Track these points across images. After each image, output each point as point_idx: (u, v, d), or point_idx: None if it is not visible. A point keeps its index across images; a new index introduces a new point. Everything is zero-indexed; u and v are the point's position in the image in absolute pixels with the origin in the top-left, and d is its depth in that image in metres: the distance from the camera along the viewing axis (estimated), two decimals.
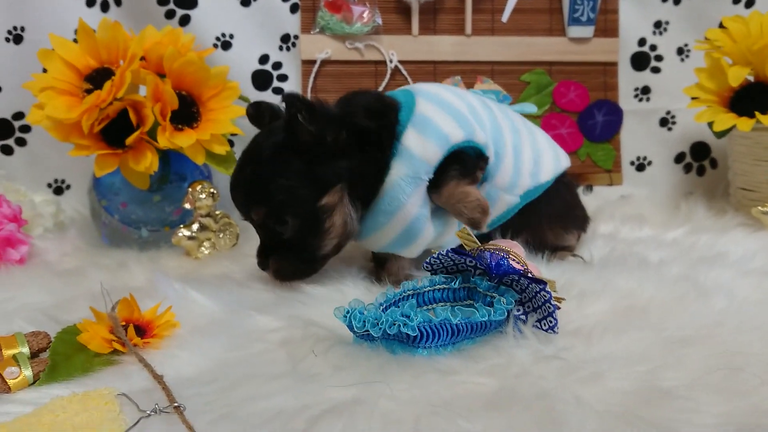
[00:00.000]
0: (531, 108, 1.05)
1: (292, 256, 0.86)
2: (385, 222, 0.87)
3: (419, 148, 0.85)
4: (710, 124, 1.21)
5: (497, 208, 0.94)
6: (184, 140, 1.08)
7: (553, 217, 1.01)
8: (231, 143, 1.39)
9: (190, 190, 1.13)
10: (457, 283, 0.76)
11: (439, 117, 0.87)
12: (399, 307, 0.72)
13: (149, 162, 1.07)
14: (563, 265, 0.98)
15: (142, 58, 1.13)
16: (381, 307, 0.72)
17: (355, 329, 0.67)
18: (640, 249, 1.07)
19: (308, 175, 0.83)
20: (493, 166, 0.92)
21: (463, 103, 0.90)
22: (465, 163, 0.87)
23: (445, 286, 0.76)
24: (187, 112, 1.14)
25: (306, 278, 0.89)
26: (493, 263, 0.72)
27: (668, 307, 0.83)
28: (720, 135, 1.23)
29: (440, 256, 0.75)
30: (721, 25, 1.50)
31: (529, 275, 0.72)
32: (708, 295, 0.86)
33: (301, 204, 0.83)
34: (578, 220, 1.07)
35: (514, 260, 0.74)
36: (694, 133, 1.52)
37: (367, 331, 0.66)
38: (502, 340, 0.69)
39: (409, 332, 0.65)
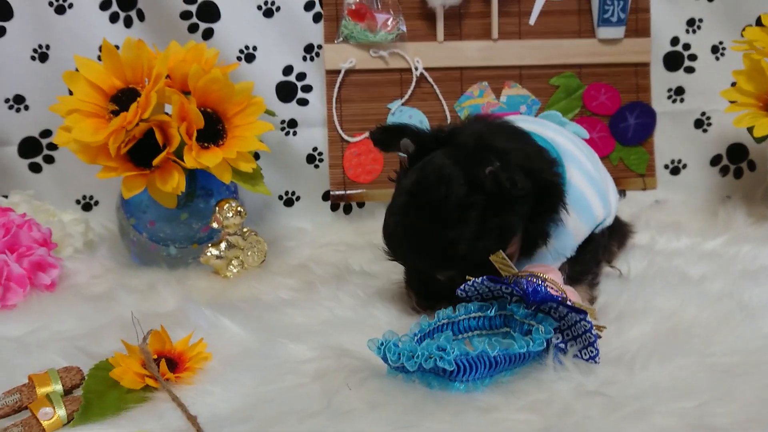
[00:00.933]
0: (583, 133, 1.01)
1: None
2: None
3: (572, 226, 0.84)
4: (750, 129, 1.17)
5: None
6: (211, 159, 1.07)
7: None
8: (256, 156, 1.38)
9: (217, 209, 1.12)
10: (493, 311, 0.74)
11: (590, 194, 0.86)
12: (434, 338, 0.69)
13: (176, 182, 1.06)
14: (600, 284, 0.95)
15: (167, 77, 1.12)
16: (416, 338, 0.70)
17: (390, 362, 0.66)
18: (679, 262, 1.04)
19: (495, 227, 0.77)
20: None
21: (595, 170, 0.90)
22: (595, 272, 0.91)
23: (480, 314, 0.74)
24: (212, 130, 1.13)
25: None
26: (530, 289, 0.70)
27: (713, 329, 0.80)
28: (760, 140, 1.19)
29: (475, 284, 0.73)
30: (758, 22, 1.45)
31: (568, 303, 0.69)
32: (755, 315, 0.83)
33: (488, 255, 0.75)
34: (615, 233, 1.05)
35: (551, 287, 0.71)
36: (731, 134, 1.47)
37: (402, 364, 0.65)
38: (542, 373, 0.67)
39: (446, 366, 0.63)
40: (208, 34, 1.36)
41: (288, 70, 1.42)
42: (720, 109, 1.46)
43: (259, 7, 1.39)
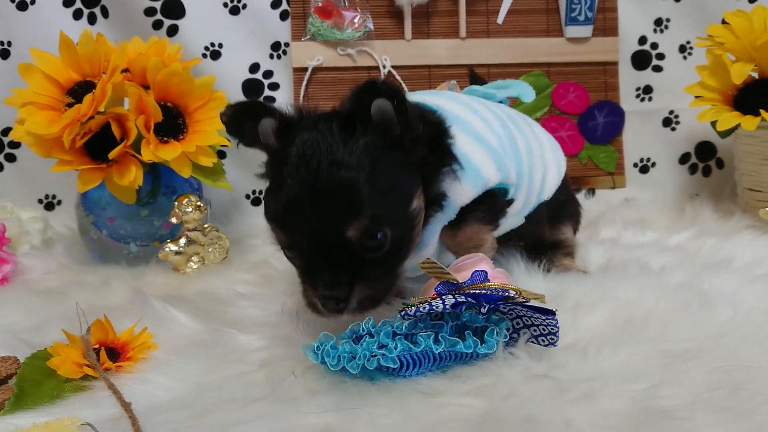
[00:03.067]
0: (529, 94, 0.98)
1: (379, 278, 0.67)
2: None
3: (455, 190, 0.76)
4: (713, 124, 1.17)
5: (501, 230, 0.89)
6: (169, 153, 1.06)
7: (547, 214, 0.97)
8: (222, 154, 1.37)
9: (176, 204, 1.10)
10: (447, 329, 0.66)
11: (479, 156, 0.78)
12: (374, 336, 0.65)
13: (133, 176, 1.05)
14: (559, 276, 0.94)
15: (126, 70, 1.11)
16: (354, 337, 0.66)
17: (330, 367, 0.63)
18: (642, 255, 1.03)
19: (402, 176, 0.68)
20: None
21: (494, 135, 0.83)
22: (491, 207, 0.81)
23: (432, 331, 0.66)
24: (172, 124, 1.11)
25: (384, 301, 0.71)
26: (482, 297, 0.65)
27: (669, 317, 0.79)
28: (724, 134, 1.19)
29: (418, 313, 0.64)
30: (723, 21, 1.46)
31: (530, 302, 0.66)
32: (712, 304, 0.82)
33: (400, 209, 0.67)
34: (573, 215, 1.04)
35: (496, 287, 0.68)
36: (699, 132, 1.48)
37: (344, 367, 0.62)
38: (489, 359, 0.66)
39: (389, 364, 0.61)
40: (172, 31, 1.35)
41: (254, 67, 1.41)
42: (688, 108, 1.46)
43: (225, 5, 1.38)
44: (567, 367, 0.66)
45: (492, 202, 0.81)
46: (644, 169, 1.51)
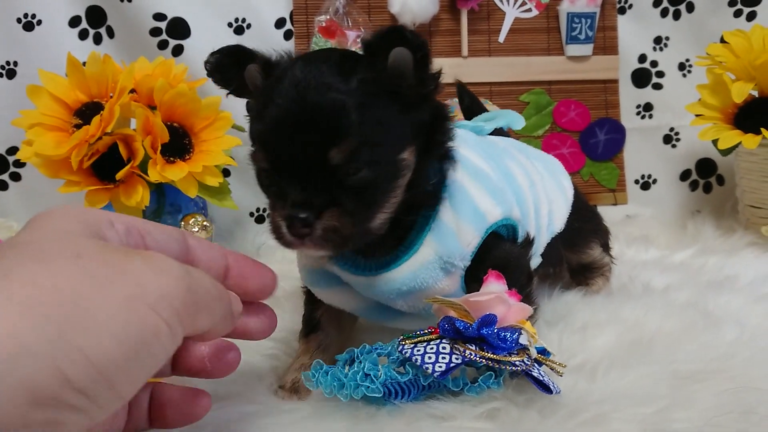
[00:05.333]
0: (518, 122, 0.95)
1: (350, 212, 0.61)
2: (402, 291, 0.70)
3: (454, 226, 0.70)
4: (715, 142, 1.18)
5: None
6: (176, 173, 1.06)
7: (567, 240, 0.93)
8: (227, 173, 1.38)
9: (182, 224, 1.11)
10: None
11: (475, 191, 0.72)
12: (362, 360, 0.63)
13: (140, 196, 1.05)
14: (565, 295, 0.95)
15: (133, 91, 1.12)
16: (348, 361, 0.65)
17: (326, 394, 0.63)
18: (646, 273, 1.04)
19: (397, 121, 0.63)
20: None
21: (493, 170, 0.78)
22: (516, 277, 0.71)
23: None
24: (179, 144, 1.12)
25: (348, 248, 0.65)
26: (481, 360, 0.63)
27: (676, 338, 0.79)
28: (725, 153, 1.20)
29: (412, 357, 0.62)
30: (722, 40, 1.48)
31: (537, 375, 0.64)
32: (718, 324, 0.82)
33: (388, 146, 0.63)
34: (597, 231, 0.99)
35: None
36: (699, 149, 1.49)
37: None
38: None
39: (374, 394, 0.61)
40: (178, 51, 1.36)
41: None
42: (688, 125, 1.47)
43: (230, 24, 1.39)
44: (576, 390, 0.66)
45: (513, 266, 0.74)
46: (645, 186, 1.52)
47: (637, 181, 1.52)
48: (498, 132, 0.96)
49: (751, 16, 1.50)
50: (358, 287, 0.72)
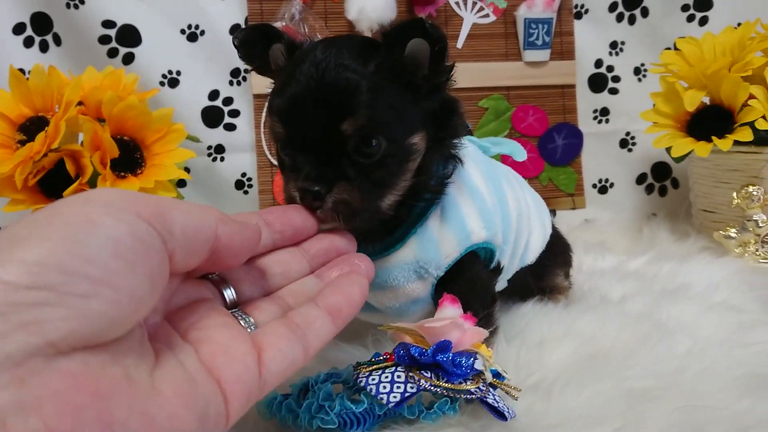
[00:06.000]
0: (521, 153, 0.96)
1: (362, 188, 0.64)
2: (373, 283, 0.68)
3: (438, 236, 0.74)
4: (668, 149, 1.20)
5: None
6: (127, 189, 1.03)
7: (534, 272, 0.95)
8: (183, 183, 1.35)
9: None
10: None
11: (467, 209, 0.76)
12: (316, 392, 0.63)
13: None
14: (523, 307, 0.95)
15: (81, 103, 1.08)
16: (300, 391, 0.64)
17: (280, 423, 0.62)
18: (603, 282, 1.05)
19: (410, 107, 0.66)
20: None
21: (489, 192, 0.80)
22: (480, 298, 0.77)
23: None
24: (130, 159, 1.09)
25: (357, 224, 0.65)
26: (453, 377, 0.63)
27: (630, 351, 0.80)
28: (679, 160, 1.22)
29: (367, 386, 0.61)
30: (675, 47, 1.50)
31: (490, 400, 0.64)
32: (671, 335, 0.83)
33: (399, 128, 0.65)
34: (562, 265, 1.01)
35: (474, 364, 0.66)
36: (655, 153, 1.51)
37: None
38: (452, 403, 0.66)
39: (329, 426, 0.60)
40: (128, 59, 1.32)
41: (214, 94, 1.39)
42: (644, 129, 1.50)
43: (183, 31, 1.36)
44: (532, 411, 0.66)
45: (480, 287, 0.78)
46: (603, 190, 1.54)
47: (594, 185, 1.53)
48: None
49: (703, 21, 1.53)
50: None
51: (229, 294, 0.51)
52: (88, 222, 0.36)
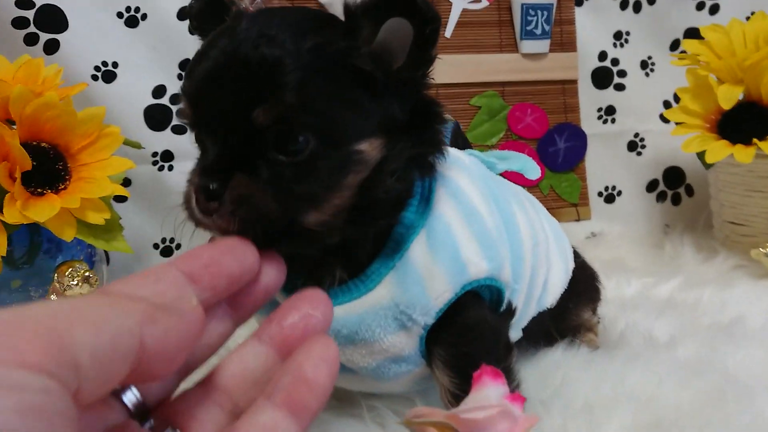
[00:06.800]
0: (534, 170, 0.77)
1: (271, 183, 0.49)
2: (340, 334, 0.57)
3: (425, 270, 0.56)
4: (700, 154, 1.03)
5: None
6: (43, 211, 0.81)
7: (555, 316, 0.76)
8: (122, 199, 1.12)
9: (56, 276, 0.85)
10: None
11: (462, 233, 0.58)
12: None
13: None
14: (550, 354, 0.76)
15: None
16: None
17: None
18: (640, 318, 0.87)
19: (361, 101, 0.51)
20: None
21: (491, 215, 0.61)
22: (490, 349, 0.60)
23: None
24: (49, 170, 0.86)
25: (264, 240, 0.46)
26: None
27: (703, 416, 0.63)
28: (709, 166, 1.05)
29: None
30: (687, 35, 1.35)
31: None
32: (748, 390, 0.67)
33: (340, 128, 0.50)
34: (586, 293, 0.83)
35: None
36: (667, 157, 1.35)
37: None
38: None
39: None
40: (51, 48, 1.09)
41: (159, 91, 1.17)
42: (654, 130, 1.34)
43: (120, 15, 1.13)
44: None
45: (488, 338, 0.60)
46: (609, 198, 1.37)
47: (600, 194, 1.36)
48: None
49: (714, 9, 1.38)
50: None
51: (132, 397, 0.36)
52: None
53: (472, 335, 0.59)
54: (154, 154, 1.17)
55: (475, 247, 0.58)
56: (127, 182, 1.10)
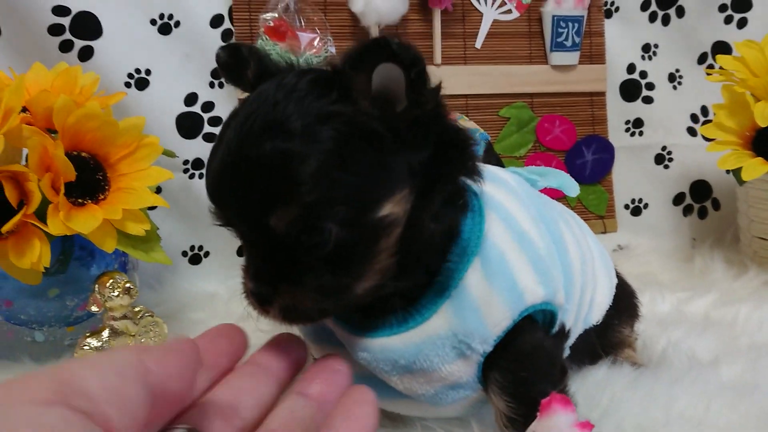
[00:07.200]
0: (572, 188, 0.78)
1: (313, 286, 0.51)
2: (398, 365, 0.58)
3: (482, 299, 0.56)
4: (736, 171, 1.03)
5: None
6: (86, 222, 0.81)
7: (598, 332, 0.75)
8: (152, 208, 1.12)
9: (96, 287, 0.85)
10: None
11: (517, 260, 0.57)
12: None
13: (37, 254, 0.79)
14: (595, 373, 0.76)
15: (25, 110, 0.85)
16: None
17: None
18: (679, 336, 0.87)
19: (372, 165, 0.50)
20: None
21: (542, 239, 0.61)
22: (547, 374, 0.60)
23: None
24: (89, 181, 0.86)
25: (324, 318, 0.56)
26: None
27: None
28: (744, 182, 1.05)
29: None
30: (714, 49, 1.35)
31: None
32: None
33: (357, 204, 0.49)
34: (627, 311, 0.83)
35: None
36: (694, 170, 1.35)
37: None
38: None
39: None
40: (86, 55, 1.09)
41: (191, 99, 1.16)
42: (681, 143, 1.34)
43: (153, 22, 1.13)
44: None
45: (545, 363, 0.60)
46: (636, 211, 1.37)
47: (627, 206, 1.36)
48: None
49: (741, 23, 1.37)
50: (350, 348, 0.59)
51: None
52: None
53: (529, 360, 0.59)
54: (185, 162, 1.17)
55: (530, 273, 0.58)
56: (157, 190, 1.10)
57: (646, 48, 1.36)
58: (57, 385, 0.29)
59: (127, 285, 0.86)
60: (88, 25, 1.09)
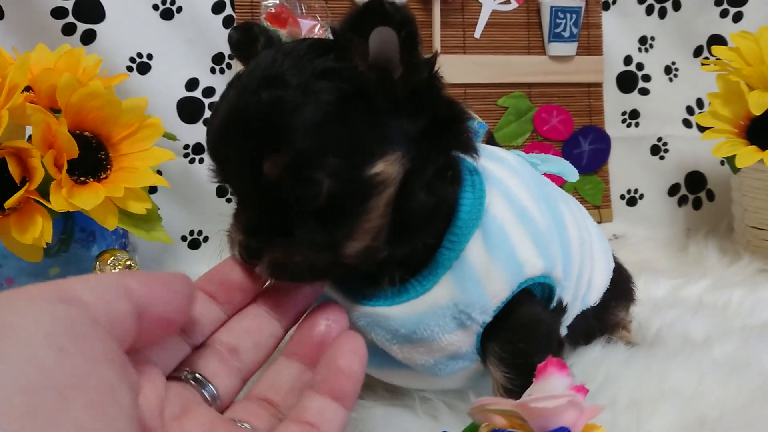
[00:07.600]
0: (572, 174, 0.79)
1: (303, 240, 0.51)
2: (399, 334, 0.59)
3: (482, 270, 0.57)
4: (730, 159, 1.04)
5: None
6: (89, 199, 0.82)
7: (595, 313, 0.77)
8: (153, 190, 1.13)
9: (97, 264, 0.86)
10: None
11: (517, 233, 0.59)
12: None
13: (39, 230, 0.80)
14: (590, 351, 0.77)
15: (29, 89, 0.86)
16: None
17: None
18: (673, 318, 0.88)
19: (367, 123, 0.51)
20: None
21: (543, 216, 0.62)
22: (545, 345, 0.61)
23: None
24: (92, 160, 0.87)
25: (312, 281, 0.54)
26: None
27: (749, 414, 0.64)
28: (738, 170, 1.07)
29: None
30: (710, 42, 1.36)
31: None
32: None
33: (349, 158, 0.50)
34: (624, 294, 0.84)
35: None
36: (689, 161, 1.37)
37: None
38: None
39: None
40: (88, 38, 1.10)
41: (192, 84, 1.17)
42: (677, 135, 1.35)
43: (156, 7, 1.14)
44: None
45: (542, 332, 0.62)
46: (632, 202, 1.38)
47: (622, 197, 1.38)
48: None
49: (737, 17, 1.39)
50: (351, 315, 0.58)
51: (211, 391, 0.44)
52: None
53: (527, 332, 0.60)
54: (186, 147, 1.18)
55: (530, 246, 0.59)
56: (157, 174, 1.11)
57: (642, 40, 1.38)
58: (56, 291, 0.32)
59: (128, 262, 0.87)
60: (91, 9, 1.10)
